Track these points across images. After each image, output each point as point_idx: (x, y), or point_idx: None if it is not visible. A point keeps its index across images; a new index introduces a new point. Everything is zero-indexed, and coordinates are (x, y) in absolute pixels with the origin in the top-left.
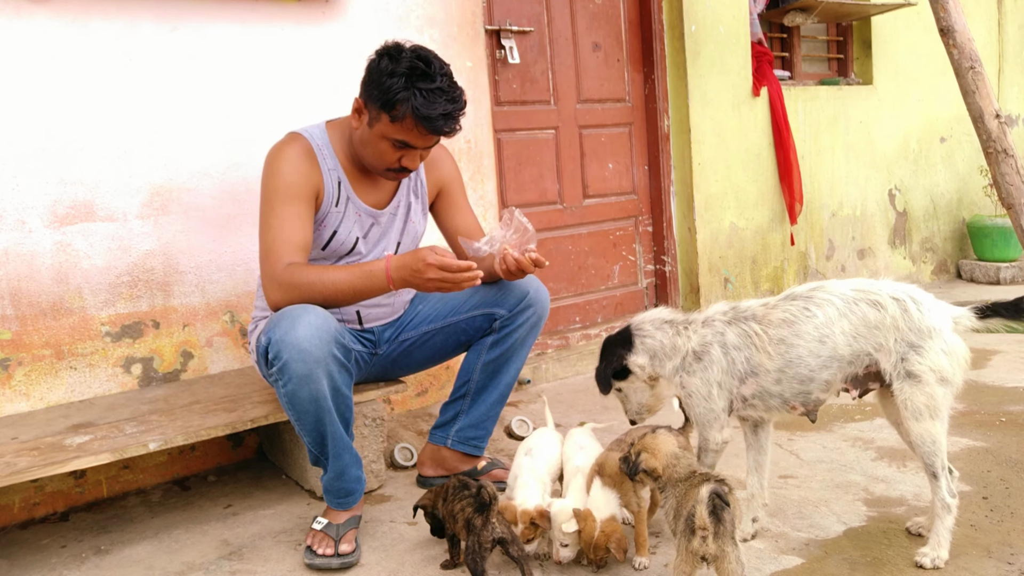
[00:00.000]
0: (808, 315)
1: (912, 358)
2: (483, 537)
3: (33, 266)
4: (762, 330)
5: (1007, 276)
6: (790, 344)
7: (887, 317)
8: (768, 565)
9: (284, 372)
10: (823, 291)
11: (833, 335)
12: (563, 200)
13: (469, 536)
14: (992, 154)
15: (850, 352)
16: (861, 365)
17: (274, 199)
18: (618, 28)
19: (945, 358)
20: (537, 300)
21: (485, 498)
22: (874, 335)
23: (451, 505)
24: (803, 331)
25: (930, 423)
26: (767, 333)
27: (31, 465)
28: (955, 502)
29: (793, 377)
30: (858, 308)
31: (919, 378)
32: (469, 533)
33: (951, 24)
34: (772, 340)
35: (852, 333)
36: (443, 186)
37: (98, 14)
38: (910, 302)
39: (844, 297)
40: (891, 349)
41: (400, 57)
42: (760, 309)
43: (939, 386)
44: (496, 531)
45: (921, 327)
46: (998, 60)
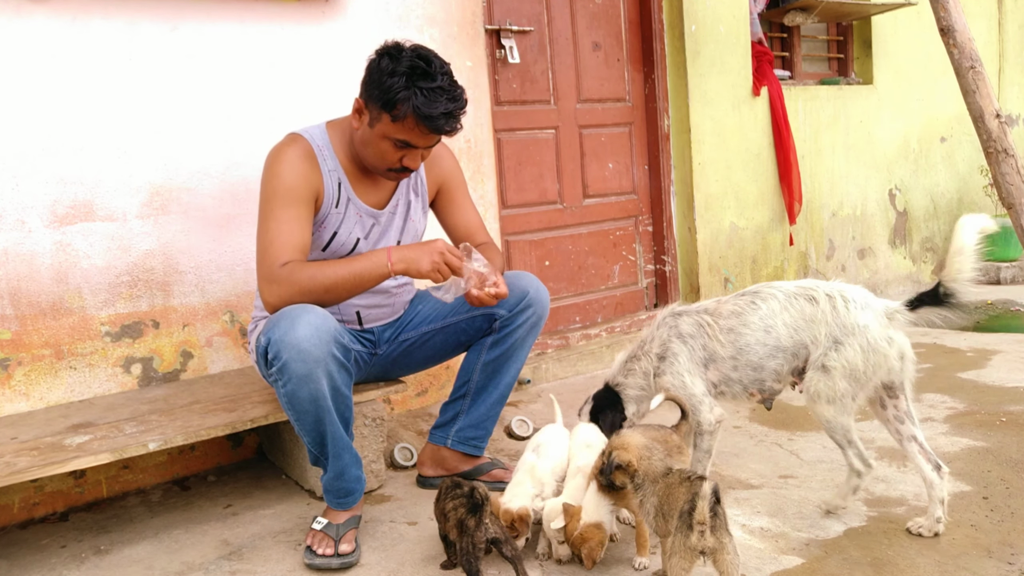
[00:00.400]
0: (754, 307)
1: (830, 353)
2: (476, 538)
3: (33, 266)
4: (713, 320)
5: (1007, 276)
6: (739, 333)
7: (819, 312)
8: (768, 565)
9: (284, 372)
10: (769, 287)
11: (776, 326)
12: (563, 200)
13: (462, 537)
14: (992, 154)
15: (792, 343)
16: (802, 358)
17: (273, 201)
18: (618, 28)
19: (861, 355)
20: (537, 300)
21: (477, 499)
22: (810, 328)
23: (443, 504)
24: (749, 321)
25: (826, 407)
26: (718, 323)
27: (31, 465)
28: (865, 470)
29: (746, 364)
30: (797, 303)
31: (829, 371)
32: (462, 534)
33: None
34: (723, 329)
35: (793, 325)
36: (443, 183)
37: (98, 13)
38: (840, 299)
39: (786, 292)
40: (821, 342)
41: (400, 56)
42: (711, 304)
43: (844, 380)
44: (489, 531)
45: (846, 323)
46: (998, 60)
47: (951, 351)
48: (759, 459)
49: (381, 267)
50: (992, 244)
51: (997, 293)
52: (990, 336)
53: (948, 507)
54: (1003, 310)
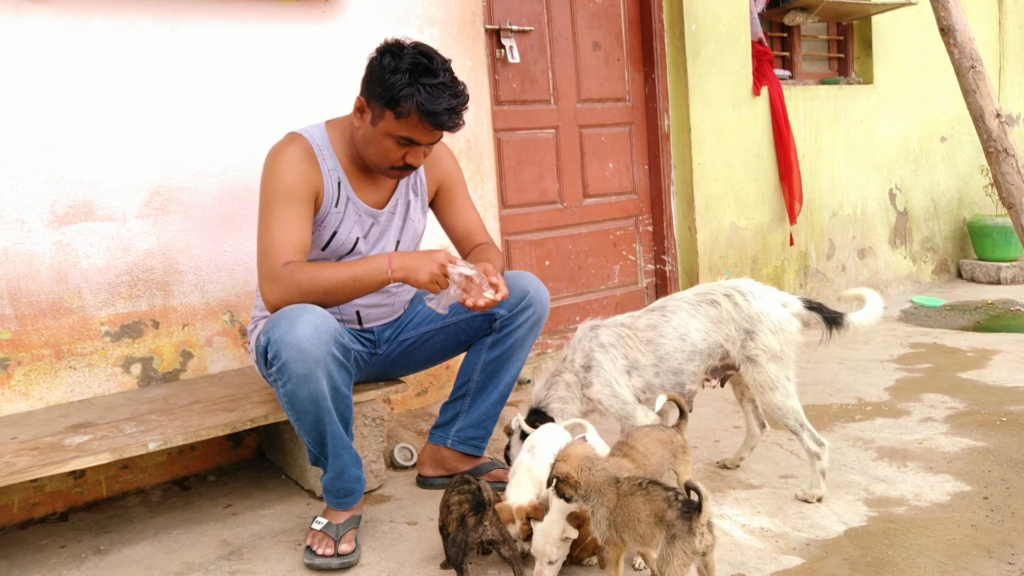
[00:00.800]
0: (665, 320)
1: (748, 344)
2: (471, 537)
3: (32, 265)
4: (632, 333)
5: (1008, 276)
6: (657, 344)
7: (723, 312)
8: (768, 565)
9: (283, 372)
10: (672, 300)
11: (690, 333)
12: (563, 200)
13: (458, 530)
14: (993, 153)
15: (707, 346)
16: (718, 357)
17: (273, 200)
18: (618, 27)
19: (773, 337)
20: (537, 300)
21: (483, 498)
22: (720, 328)
23: (449, 495)
24: (665, 332)
25: (773, 394)
26: (636, 336)
27: (30, 465)
28: (822, 449)
29: (668, 370)
30: (702, 308)
31: (756, 360)
32: (460, 527)
33: (952, 23)
34: (642, 341)
35: (703, 329)
36: (442, 183)
37: (98, 13)
38: (738, 295)
39: (689, 301)
40: (734, 338)
41: (402, 54)
42: (626, 319)
43: (771, 363)
44: (487, 533)
45: (750, 314)
46: (999, 59)
47: (951, 351)
48: (759, 459)
49: (381, 273)
50: (993, 244)
51: (997, 293)
52: (990, 336)
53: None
54: (1003, 310)
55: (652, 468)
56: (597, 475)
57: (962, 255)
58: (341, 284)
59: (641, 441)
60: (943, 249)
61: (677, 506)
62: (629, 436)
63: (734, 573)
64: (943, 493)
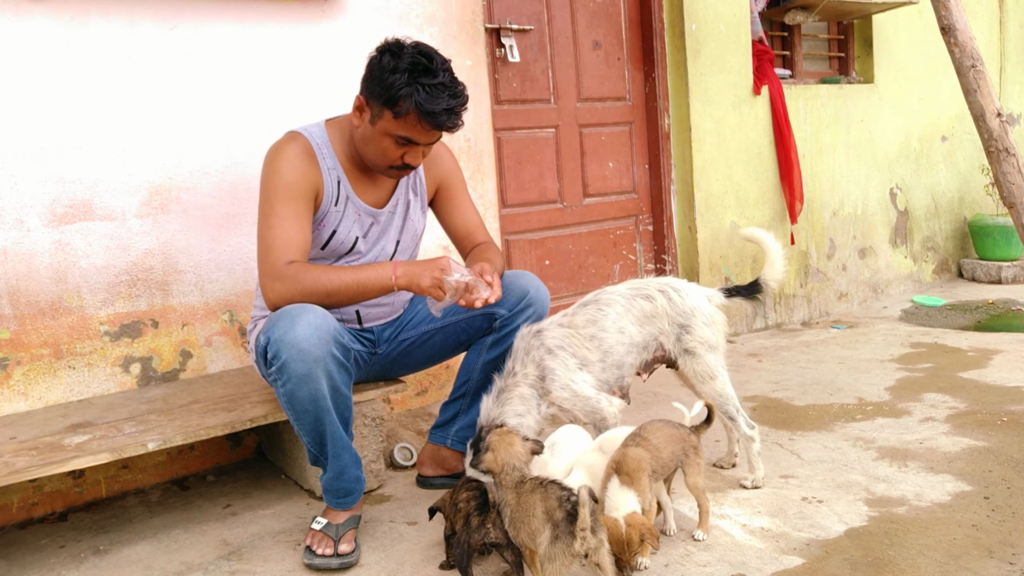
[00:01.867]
0: (603, 314)
1: (684, 337)
2: (474, 538)
3: (32, 265)
4: (574, 332)
5: (1009, 275)
6: (600, 339)
7: (658, 307)
8: (769, 565)
9: (283, 371)
10: (605, 294)
11: (627, 326)
12: (563, 199)
13: (463, 531)
14: (994, 153)
15: (642, 339)
16: (651, 350)
17: (273, 198)
18: (618, 26)
19: (708, 329)
20: (537, 299)
21: (489, 499)
22: (653, 322)
23: (457, 494)
24: (606, 326)
25: (714, 383)
26: (579, 333)
27: (29, 465)
28: (754, 432)
29: (612, 364)
30: (636, 302)
31: (694, 352)
32: (465, 526)
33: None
34: (585, 337)
35: (638, 323)
36: (442, 182)
37: (97, 13)
38: (672, 291)
39: (623, 295)
40: (668, 331)
41: (402, 53)
42: (564, 319)
43: (709, 354)
44: (489, 536)
45: (684, 309)
46: (999, 58)
47: (952, 351)
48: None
49: (385, 280)
50: (994, 243)
51: (998, 292)
52: (991, 335)
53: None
54: (1004, 309)
55: (664, 461)
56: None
57: (963, 254)
58: (345, 288)
59: (655, 434)
60: (944, 248)
61: (567, 507)
62: (643, 428)
63: (734, 573)
64: (944, 493)
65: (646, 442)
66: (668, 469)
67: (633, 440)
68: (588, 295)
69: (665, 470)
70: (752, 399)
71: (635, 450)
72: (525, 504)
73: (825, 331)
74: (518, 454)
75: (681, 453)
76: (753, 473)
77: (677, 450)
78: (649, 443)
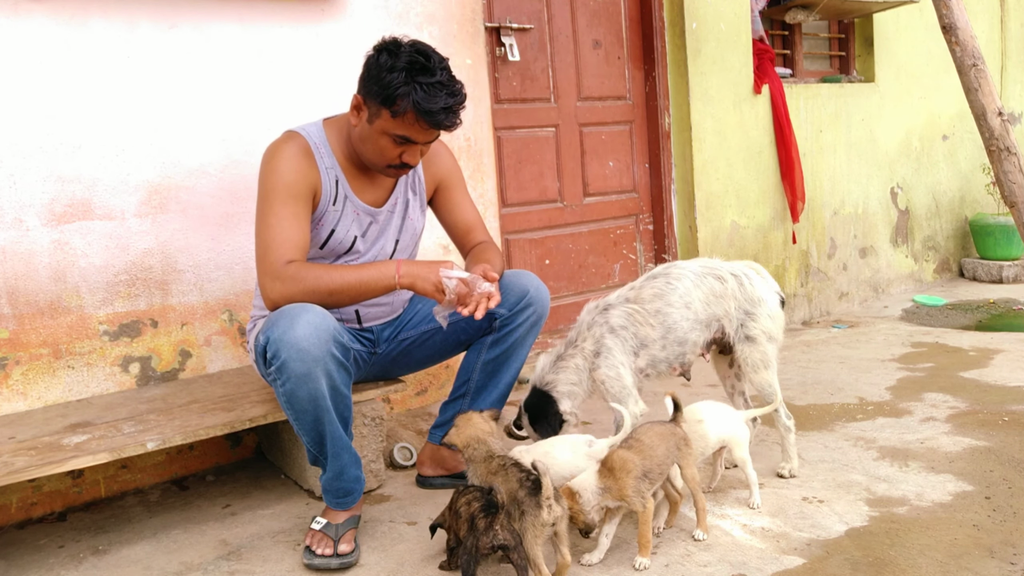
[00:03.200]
0: (671, 287)
1: (748, 323)
2: (482, 541)
3: (31, 264)
4: (639, 307)
5: (1010, 275)
6: (665, 313)
7: (728, 288)
8: (769, 565)
9: (283, 371)
10: (676, 267)
11: (693, 302)
12: (563, 198)
13: (469, 535)
14: (995, 152)
15: (706, 316)
16: (713, 330)
17: (272, 198)
18: (619, 25)
19: (771, 321)
20: (537, 299)
21: (496, 500)
22: (720, 303)
23: (456, 501)
24: (672, 300)
25: (765, 372)
26: (644, 308)
27: (28, 465)
28: (791, 423)
29: (673, 341)
30: (706, 281)
31: (755, 340)
32: (470, 531)
33: (953, 21)
34: (650, 313)
35: (705, 300)
36: (441, 181)
37: (96, 12)
38: (744, 277)
39: (694, 271)
40: (732, 315)
41: (399, 52)
42: (631, 292)
43: (768, 344)
44: (498, 537)
45: (753, 297)
46: (1001, 57)
47: (953, 350)
48: (760, 458)
49: (388, 279)
50: (995, 243)
51: (999, 292)
52: (992, 335)
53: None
54: (1005, 309)
55: (658, 460)
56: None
57: (964, 254)
58: (347, 287)
59: (646, 435)
60: (945, 248)
61: (527, 486)
62: (635, 431)
63: (735, 573)
64: (945, 493)
65: (638, 443)
66: (666, 466)
67: (626, 443)
68: (657, 267)
69: (663, 468)
70: (753, 398)
71: (621, 451)
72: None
73: (826, 330)
74: (481, 428)
75: (674, 448)
76: (789, 463)
77: (670, 447)
78: (641, 443)
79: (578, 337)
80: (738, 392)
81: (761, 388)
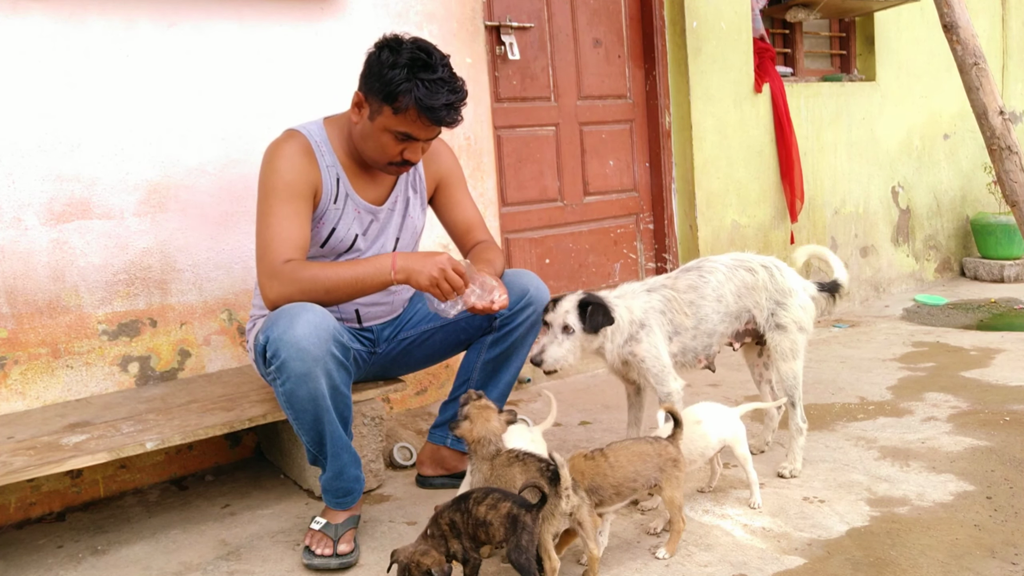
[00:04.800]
0: (704, 281)
1: (779, 312)
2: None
3: (29, 264)
4: (677, 295)
5: (1011, 274)
6: (699, 305)
7: (759, 280)
8: (770, 565)
9: (282, 371)
10: (708, 262)
11: (725, 295)
12: (564, 197)
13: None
14: (996, 151)
15: (737, 309)
16: (743, 321)
17: (272, 197)
18: (619, 24)
19: (802, 312)
20: (537, 298)
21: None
22: (751, 294)
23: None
24: (705, 293)
25: (793, 362)
26: (680, 297)
27: (27, 464)
28: (805, 426)
29: (704, 332)
30: (737, 273)
31: (785, 328)
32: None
33: (955, 20)
34: (685, 303)
35: (736, 293)
36: (442, 179)
37: (95, 10)
38: (774, 268)
39: (726, 265)
40: (763, 306)
41: (401, 49)
42: (667, 280)
43: (799, 333)
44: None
45: (783, 288)
46: (1002, 56)
47: (954, 350)
48: (761, 458)
49: (384, 274)
50: (996, 242)
51: (1000, 291)
52: (993, 334)
53: None
54: (1007, 308)
55: (619, 479)
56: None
57: (965, 253)
58: (344, 283)
59: (617, 452)
60: (946, 247)
61: (547, 475)
62: (610, 445)
63: (736, 573)
64: (946, 493)
65: (601, 457)
66: (626, 488)
67: (590, 454)
68: (690, 262)
69: (623, 488)
70: (754, 398)
71: (578, 459)
72: (503, 476)
73: (827, 330)
74: (494, 429)
75: (654, 469)
76: (792, 464)
77: (646, 468)
78: (604, 458)
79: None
80: (765, 380)
81: (786, 378)
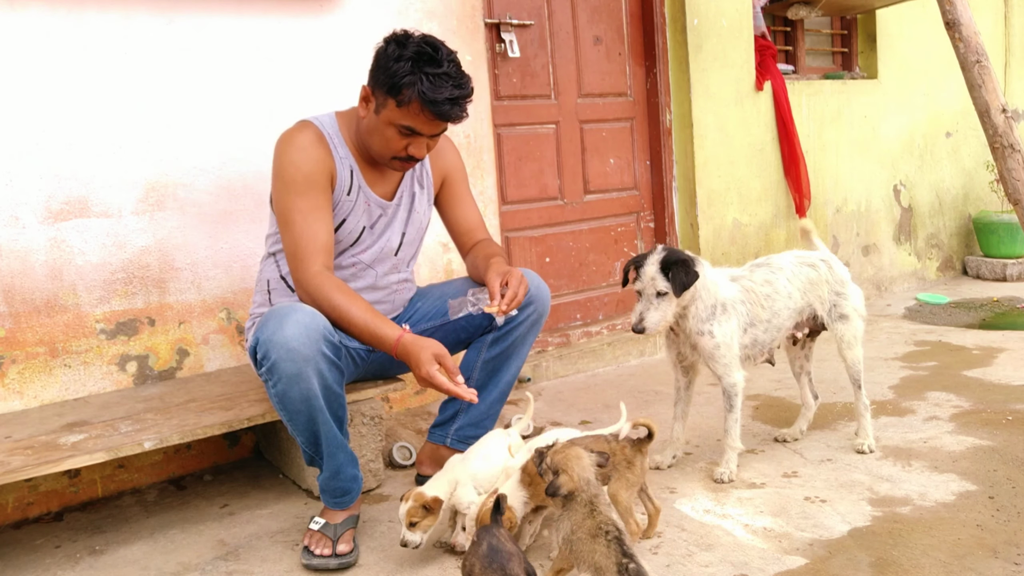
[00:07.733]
0: (776, 277)
1: (841, 303)
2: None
3: (27, 262)
4: (755, 287)
5: (1013, 273)
6: (773, 299)
7: (820, 274)
8: (771, 566)
9: (273, 372)
10: (775, 259)
11: (793, 292)
12: (564, 196)
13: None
14: (998, 149)
15: (802, 304)
16: (804, 315)
17: (292, 191)
18: (619, 21)
19: (860, 299)
20: (538, 297)
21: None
22: (814, 289)
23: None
24: (778, 288)
25: (858, 348)
26: (758, 290)
27: (25, 464)
28: (869, 404)
29: (774, 327)
30: (801, 270)
31: (848, 317)
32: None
33: (957, 17)
34: (762, 296)
35: (802, 289)
36: (447, 176)
37: (93, 7)
38: (831, 260)
39: (791, 262)
40: (826, 299)
41: (407, 43)
42: (745, 272)
43: (860, 320)
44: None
45: (841, 279)
46: (1004, 54)
47: (956, 349)
48: (762, 458)
49: (388, 340)
50: (999, 240)
51: (1003, 290)
52: (996, 333)
53: None
54: (1009, 307)
55: None
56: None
57: (967, 252)
58: (355, 325)
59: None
60: (948, 246)
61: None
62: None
63: (737, 573)
64: (948, 493)
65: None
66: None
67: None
68: (759, 259)
69: None
70: (754, 397)
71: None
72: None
73: None
74: (587, 467)
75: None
76: (866, 439)
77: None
78: None
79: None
80: (804, 372)
81: (853, 364)
